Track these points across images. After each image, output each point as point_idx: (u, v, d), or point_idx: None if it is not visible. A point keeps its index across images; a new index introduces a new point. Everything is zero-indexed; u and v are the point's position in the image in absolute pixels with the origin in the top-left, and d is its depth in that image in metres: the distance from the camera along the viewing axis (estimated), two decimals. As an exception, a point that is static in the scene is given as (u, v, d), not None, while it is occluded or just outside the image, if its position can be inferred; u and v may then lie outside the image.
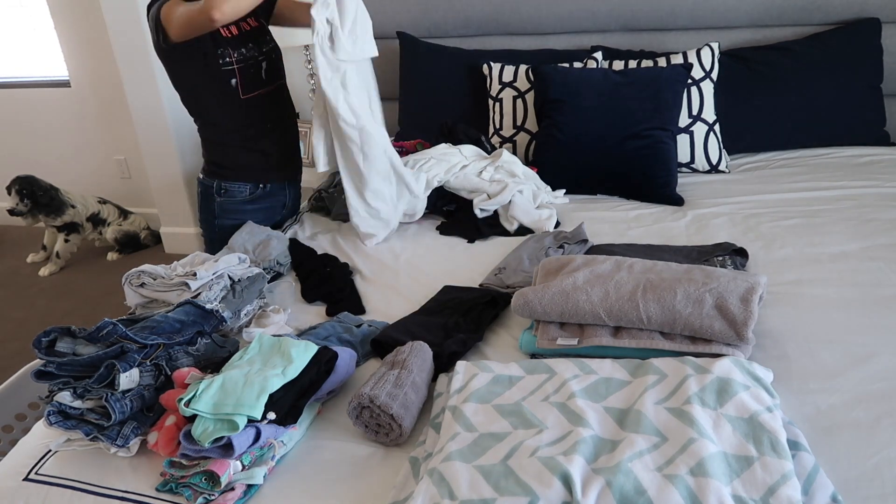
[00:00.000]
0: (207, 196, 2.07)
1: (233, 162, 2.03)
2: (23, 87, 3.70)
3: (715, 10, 2.49)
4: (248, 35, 1.96)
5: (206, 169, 2.08)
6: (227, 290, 1.61)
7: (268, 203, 2.12)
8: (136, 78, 3.09)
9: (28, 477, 1.23)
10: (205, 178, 2.07)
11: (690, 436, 1.03)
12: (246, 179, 2.05)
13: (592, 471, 1.00)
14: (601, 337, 1.36)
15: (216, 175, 2.05)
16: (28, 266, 3.60)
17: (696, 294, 1.32)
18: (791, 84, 2.40)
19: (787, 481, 0.96)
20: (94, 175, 3.85)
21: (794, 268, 1.66)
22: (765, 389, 1.15)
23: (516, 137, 2.52)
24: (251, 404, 1.15)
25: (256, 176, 2.06)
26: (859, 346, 1.35)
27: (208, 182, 2.06)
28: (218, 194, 2.05)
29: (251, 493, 1.14)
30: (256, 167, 2.05)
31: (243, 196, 2.06)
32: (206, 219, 2.10)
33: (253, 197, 2.08)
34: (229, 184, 2.04)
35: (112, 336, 1.27)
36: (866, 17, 2.40)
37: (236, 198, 2.06)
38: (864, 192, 2.04)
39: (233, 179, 2.04)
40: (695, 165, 2.34)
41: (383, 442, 1.23)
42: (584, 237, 1.87)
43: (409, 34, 2.76)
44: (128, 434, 1.21)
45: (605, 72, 2.34)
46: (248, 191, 2.06)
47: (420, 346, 1.36)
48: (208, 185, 2.06)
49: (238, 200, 2.06)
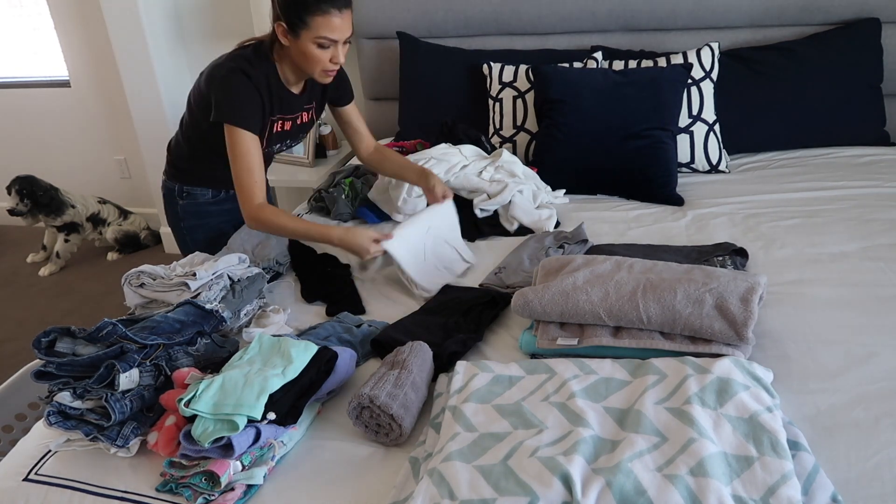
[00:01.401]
0: (171, 199, 2.03)
1: (199, 171, 1.99)
2: (23, 87, 3.70)
3: (715, 10, 2.49)
4: (299, 129, 1.94)
5: (168, 171, 2.03)
6: (226, 290, 1.61)
7: (231, 205, 2.01)
8: (136, 78, 3.09)
9: (28, 477, 1.23)
10: (167, 181, 2.03)
11: (690, 436, 1.03)
12: (209, 186, 2.01)
13: (592, 471, 1.00)
14: (601, 337, 1.36)
15: (178, 178, 2.01)
16: (28, 266, 3.60)
17: (696, 294, 1.32)
18: (791, 84, 2.40)
19: (787, 481, 0.96)
20: (94, 175, 3.85)
21: (794, 268, 1.66)
22: (765, 389, 1.15)
23: (516, 137, 2.52)
24: (251, 404, 1.15)
25: (220, 185, 2.01)
26: (859, 346, 1.35)
27: (170, 185, 2.02)
28: (180, 197, 2.01)
29: (251, 493, 1.14)
30: (221, 180, 1.96)
31: (206, 199, 2.02)
32: (173, 222, 2.07)
33: (216, 200, 2.04)
34: (191, 187, 2.00)
35: (112, 336, 1.26)
36: (866, 17, 2.40)
37: (199, 200, 2.02)
38: (864, 192, 2.04)
39: (195, 184, 2.00)
40: (695, 165, 2.34)
41: (383, 442, 1.23)
42: (584, 237, 1.87)
43: (409, 34, 2.76)
44: (128, 434, 1.21)
45: (605, 72, 2.34)
46: (211, 195, 2.02)
47: (420, 347, 1.36)
48: (171, 189, 2.02)
49: (201, 202, 2.02)
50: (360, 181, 2.30)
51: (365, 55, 2.91)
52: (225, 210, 2.05)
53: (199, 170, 1.99)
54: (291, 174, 2.92)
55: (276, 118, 1.84)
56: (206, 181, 2.00)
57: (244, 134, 1.72)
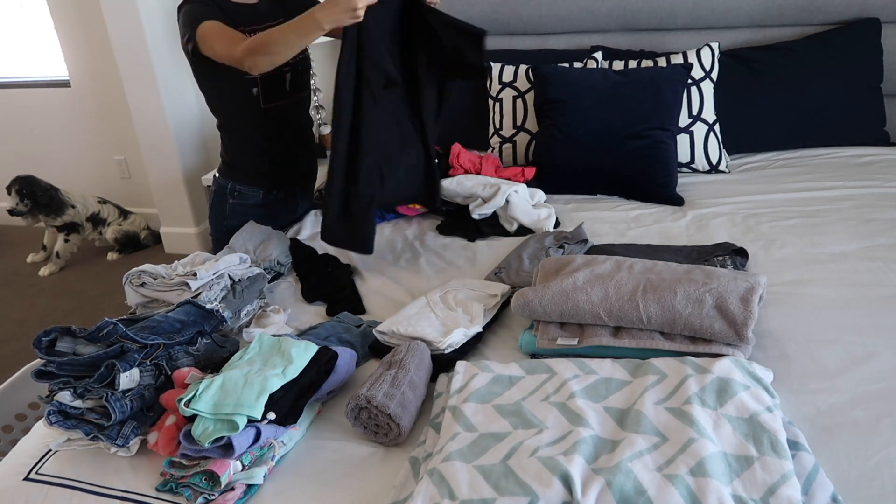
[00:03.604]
0: (221, 196, 2.06)
1: (248, 166, 2.03)
2: (23, 87, 3.70)
3: (715, 10, 2.49)
4: None
5: (221, 168, 2.07)
6: (227, 290, 1.61)
7: (277, 209, 2.12)
8: (136, 78, 3.09)
9: (28, 477, 1.23)
10: (220, 178, 2.06)
11: (690, 436, 1.03)
12: (260, 185, 2.05)
13: (592, 471, 1.00)
14: (601, 337, 1.36)
15: (231, 176, 2.04)
16: (28, 266, 3.60)
17: (696, 294, 1.32)
18: (791, 84, 2.40)
19: (787, 481, 0.96)
20: (94, 175, 3.85)
21: (794, 268, 1.66)
22: (765, 389, 1.15)
23: (516, 137, 2.52)
24: (251, 404, 1.15)
25: (270, 183, 2.06)
26: (859, 346, 1.35)
27: (223, 182, 2.05)
28: (231, 196, 2.04)
29: (251, 493, 1.14)
30: (271, 174, 2.05)
31: (256, 200, 2.06)
32: (216, 217, 2.09)
33: (266, 202, 2.07)
34: (243, 186, 2.04)
35: (112, 336, 1.27)
36: (866, 17, 2.40)
37: (248, 201, 2.05)
38: (864, 192, 2.04)
39: (247, 183, 2.03)
40: (695, 165, 2.34)
41: (383, 442, 1.23)
42: (585, 237, 1.87)
43: (409, 34, 2.76)
44: (128, 434, 1.21)
45: (605, 72, 2.34)
46: (262, 196, 2.06)
47: (417, 346, 1.36)
48: (223, 185, 2.05)
49: (250, 204, 2.05)
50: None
51: (365, 55, 2.91)
52: (269, 214, 2.08)
53: (242, 160, 2.02)
54: (291, 174, 2.91)
55: (244, 29, 1.82)
56: (254, 176, 2.03)
57: (208, 23, 1.75)
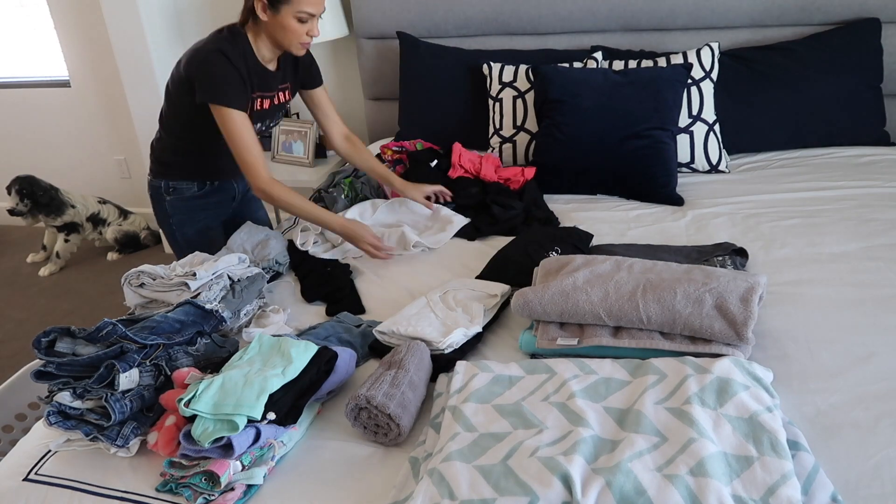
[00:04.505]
0: (158, 197, 2.05)
1: (182, 163, 2.01)
2: (23, 87, 3.70)
3: (715, 10, 2.49)
4: (276, 108, 1.98)
5: (153, 169, 2.05)
6: (226, 290, 1.61)
7: (217, 198, 2.10)
8: (136, 78, 3.09)
9: (28, 477, 1.23)
10: (153, 180, 2.05)
11: (690, 436, 1.03)
12: (193, 178, 2.03)
13: (592, 471, 1.00)
14: (601, 337, 1.36)
15: (164, 175, 2.02)
16: (28, 266, 3.60)
17: (695, 294, 1.32)
18: (791, 84, 2.40)
19: (787, 481, 0.96)
20: (94, 175, 3.85)
21: (794, 268, 1.66)
22: (765, 389, 1.15)
23: (516, 137, 2.52)
24: (251, 404, 1.15)
25: (204, 175, 2.04)
26: (859, 346, 1.35)
27: (156, 183, 2.03)
28: (167, 193, 2.03)
29: (251, 493, 1.14)
30: (205, 170, 2.03)
31: (192, 192, 2.04)
32: (162, 219, 2.08)
33: (203, 193, 2.05)
34: (177, 182, 2.02)
35: (112, 336, 1.26)
36: (866, 17, 2.40)
37: (185, 194, 2.03)
38: (864, 192, 2.04)
39: (181, 178, 2.02)
40: (695, 165, 2.34)
41: (383, 442, 1.23)
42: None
43: (409, 34, 2.76)
44: (128, 434, 1.21)
45: (605, 72, 2.34)
46: (197, 188, 2.04)
47: (417, 346, 1.36)
48: (157, 187, 2.03)
49: (187, 197, 2.04)
50: (360, 181, 2.30)
51: (365, 55, 2.91)
52: (212, 203, 2.08)
53: (183, 161, 2.01)
54: (291, 174, 2.91)
55: (256, 95, 1.88)
56: (191, 173, 2.02)
57: (233, 113, 1.77)
